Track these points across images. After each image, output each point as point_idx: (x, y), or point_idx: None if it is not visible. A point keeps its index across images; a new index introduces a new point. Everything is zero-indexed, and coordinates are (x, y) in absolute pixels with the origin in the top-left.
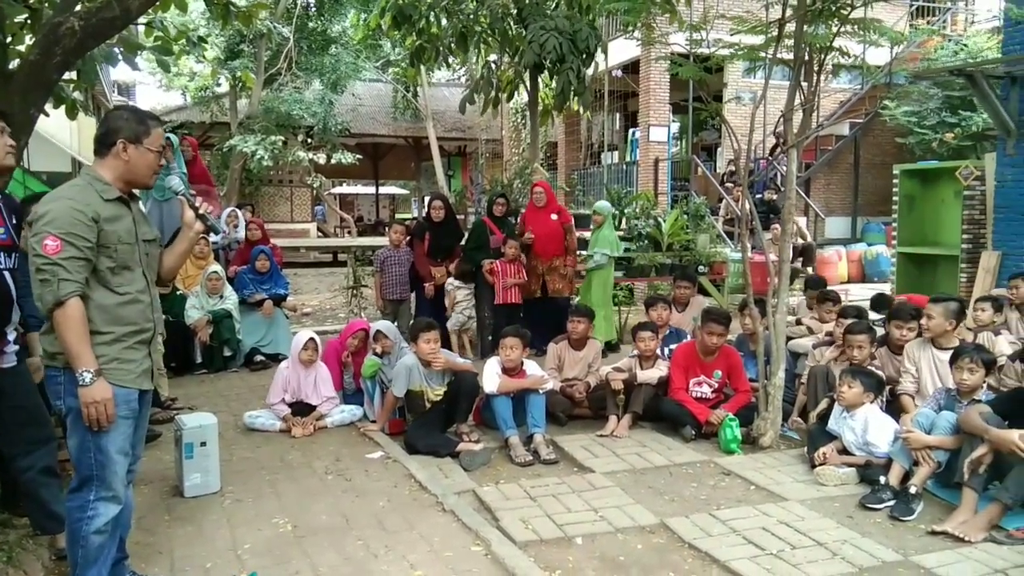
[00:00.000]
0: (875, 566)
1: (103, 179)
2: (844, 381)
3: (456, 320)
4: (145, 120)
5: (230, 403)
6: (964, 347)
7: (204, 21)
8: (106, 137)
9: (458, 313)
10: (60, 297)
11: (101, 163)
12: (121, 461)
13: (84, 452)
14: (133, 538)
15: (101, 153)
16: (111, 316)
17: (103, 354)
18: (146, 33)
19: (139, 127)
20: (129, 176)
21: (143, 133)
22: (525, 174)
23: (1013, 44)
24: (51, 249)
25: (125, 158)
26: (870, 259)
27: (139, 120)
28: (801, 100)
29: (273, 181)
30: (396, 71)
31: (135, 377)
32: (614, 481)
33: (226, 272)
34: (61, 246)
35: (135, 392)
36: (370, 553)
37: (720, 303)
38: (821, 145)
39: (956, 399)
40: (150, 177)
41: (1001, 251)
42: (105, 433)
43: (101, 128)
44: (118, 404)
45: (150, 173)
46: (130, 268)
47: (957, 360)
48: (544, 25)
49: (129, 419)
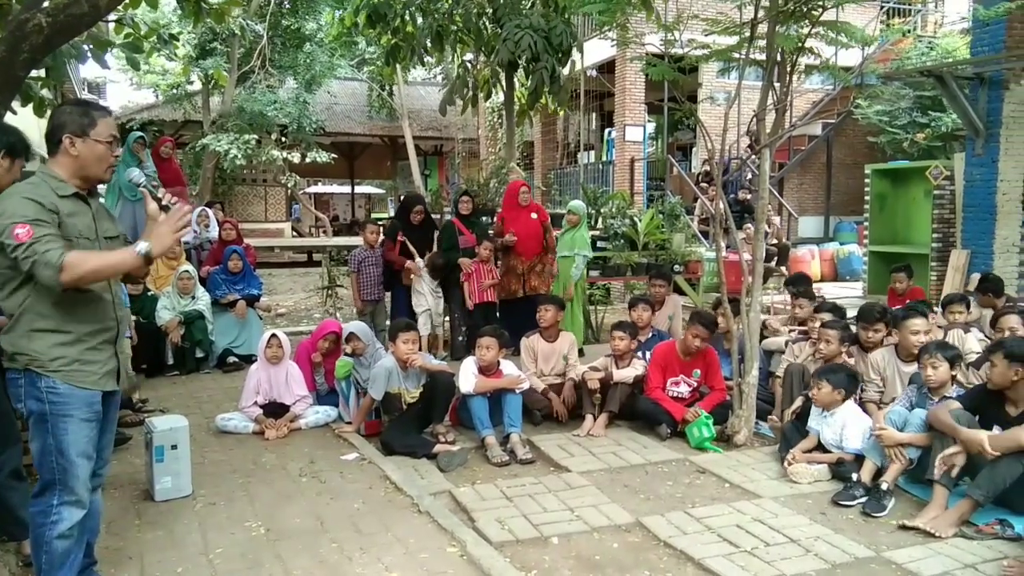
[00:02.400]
0: (847, 562)
1: (57, 176)
2: (815, 384)
3: (424, 325)
4: (89, 112)
5: (202, 405)
6: (927, 345)
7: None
8: (53, 134)
9: (421, 314)
10: (56, 263)
11: (53, 161)
12: (84, 464)
13: (46, 456)
14: (102, 543)
15: (52, 152)
16: (72, 314)
17: (64, 355)
18: (116, 30)
19: (83, 119)
20: (82, 171)
21: (88, 125)
22: (501, 173)
23: (982, 45)
24: (23, 236)
25: (74, 153)
26: (842, 258)
27: (83, 112)
28: (773, 101)
29: (247, 180)
30: (371, 69)
31: (98, 379)
32: (590, 480)
33: (198, 272)
34: (31, 229)
35: (98, 394)
36: (344, 556)
37: (695, 302)
38: (794, 145)
39: (928, 396)
40: (104, 170)
41: (970, 249)
42: (65, 436)
43: (48, 126)
44: (79, 406)
45: (103, 166)
46: None
47: (921, 358)
48: (519, 23)
49: (91, 422)
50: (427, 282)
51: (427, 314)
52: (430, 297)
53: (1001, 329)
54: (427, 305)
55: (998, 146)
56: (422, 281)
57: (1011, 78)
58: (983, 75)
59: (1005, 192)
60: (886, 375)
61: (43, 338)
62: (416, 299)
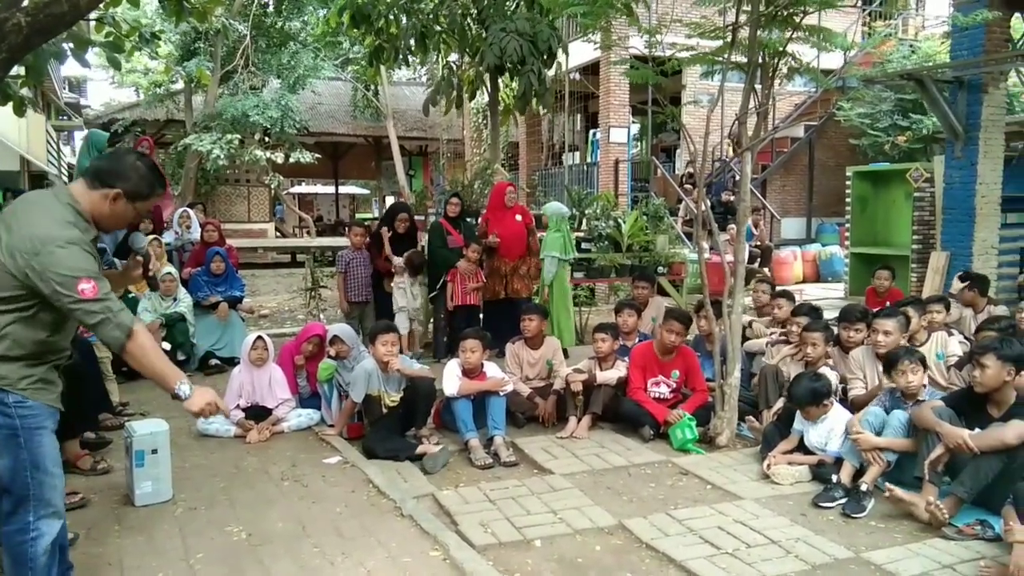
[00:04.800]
0: (828, 563)
1: (85, 215)
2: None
3: (402, 323)
4: (154, 186)
5: (183, 408)
6: (897, 352)
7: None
8: (109, 176)
9: (399, 312)
10: (128, 326)
11: (86, 194)
12: (60, 475)
13: (18, 473)
14: (81, 549)
15: (93, 184)
16: (46, 349)
17: (31, 374)
18: (97, 29)
19: (145, 190)
20: (102, 221)
21: (143, 198)
22: (486, 174)
23: (961, 49)
24: (89, 292)
25: (111, 207)
26: (824, 259)
27: (149, 183)
28: (755, 104)
29: (230, 180)
30: (356, 69)
31: (56, 398)
32: (573, 483)
33: (180, 274)
34: (96, 286)
35: (57, 412)
36: (326, 560)
37: (679, 303)
38: (777, 147)
39: (900, 400)
40: (116, 230)
41: (949, 251)
42: (41, 448)
43: (110, 164)
44: (48, 418)
45: (121, 227)
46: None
47: (896, 365)
48: (504, 27)
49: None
50: (406, 281)
51: (404, 313)
52: (408, 295)
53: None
54: (402, 303)
55: (977, 149)
56: (402, 279)
57: (990, 82)
58: (962, 79)
59: (984, 195)
60: (866, 372)
61: (11, 363)
62: (396, 295)
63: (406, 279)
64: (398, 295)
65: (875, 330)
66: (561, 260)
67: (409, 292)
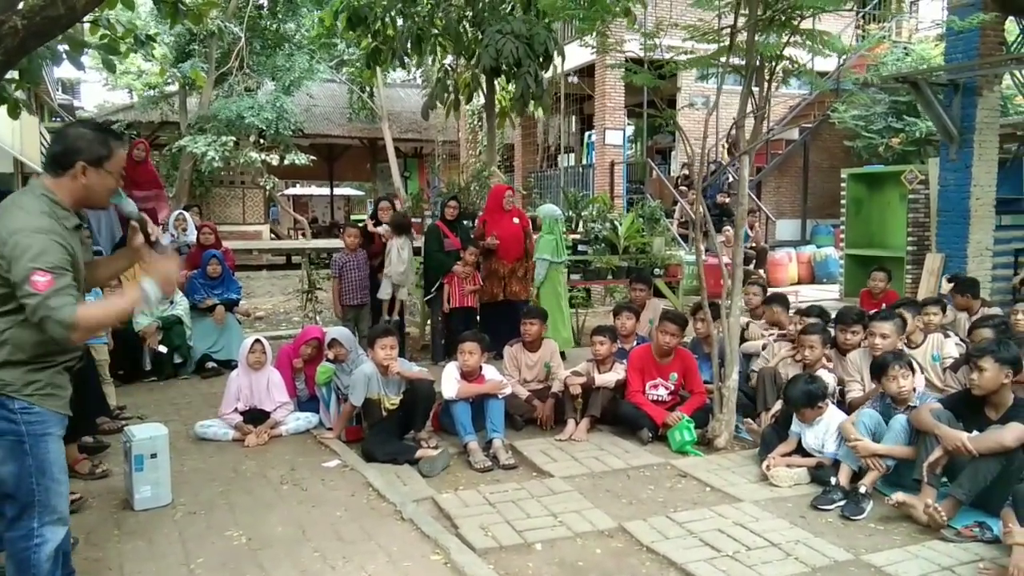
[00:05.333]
0: (827, 565)
1: (63, 204)
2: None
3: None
4: (108, 142)
5: (181, 412)
6: (885, 358)
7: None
8: (64, 157)
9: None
10: (69, 321)
11: (57, 183)
12: (65, 481)
13: (24, 479)
14: (82, 553)
15: (56, 172)
16: (52, 349)
17: (37, 379)
18: (91, 31)
19: (101, 149)
20: (85, 200)
21: (106, 157)
22: (482, 177)
23: (955, 53)
24: (41, 286)
25: (84, 181)
26: (819, 261)
27: (102, 142)
28: (753, 107)
29: (225, 182)
30: (351, 71)
31: (65, 403)
32: (573, 485)
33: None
34: (52, 280)
35: (66, 418)
36: (327, 565)
37: (675, 305)
38: (772, 149)
39: (892, 406)
40: (105, 200)
41: (944, 253)
42: (47, 455)
43: (58, 146)
44: (55, 424)
45: (107, 197)
46: (81, 295)
47: (886, 371)
48: (500, 29)
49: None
50: (394, 244)
51: (388, 280)
52: (399, 257)
53: (975, 341)
54: (387, 270)
55: (971, 151)
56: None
57: (984, 85)
58: (957, 82)
59: (978, 197)
60: (863, 374)
61: (15, 368)
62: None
63: (394, 242)
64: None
65: (871, 333)
66: (552, 263)
67: (399, 255)
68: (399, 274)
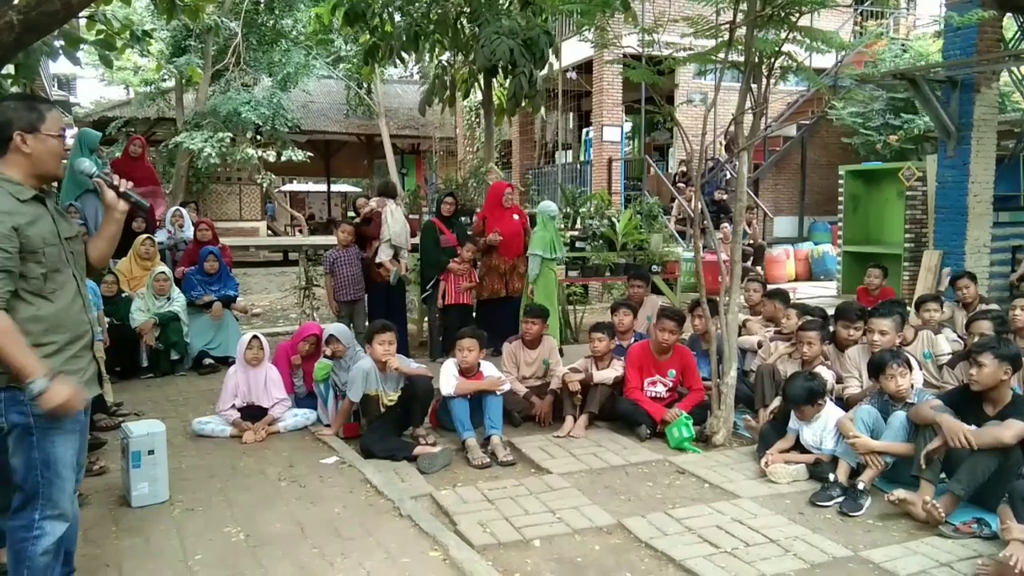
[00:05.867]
0: (826, 562)
1: (13, 179)
2: (794, 408)
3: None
4: (36, 106)
5: (178, 408)
6: (883, 356)
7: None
8: (1, 133)
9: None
10: None
11: (4, 161)
12: (70, 477)
13: (30, 470)
14: (80, 550)
15: (1, 151)
16: (50, 325)
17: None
18: (88, 27)
19: (31, 115)
20: (36, 169)
21: (38, 120)
22: (480, 173)
23: (953, 49)
24: None
25: (27, 151)
26: (817, 258)
27: (29, 107)
28: (751, 103)
29: (221, 179)
30: (348, 67)
31: (82, 387)
32: (571, 482)
33: (173, 273)
34: None
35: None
36: (326, 561)
37: (673, 302)
38: (769, 146)
39: (890, 403)
40: (57, 166)
41: (942, 250)
42: (53, 449)
43: None
44: (64, 422)
45: (57, 161)
46: (60, 271)
47: (883, 369)
48: (497, 29)
49: (77, 432)
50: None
51: (387, 244)
52: (391, 219)
53: (973, 334)
54: (385, 233)
55: (969, 148)
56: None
57: (982, 81)
58: (955, 78)
59: (976, 194)
60: (861, 370)
61: None
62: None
63: (387, 208)
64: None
65: (870, 329)
66: (545, 259)
67: (392, 216)
68: (397, 234)
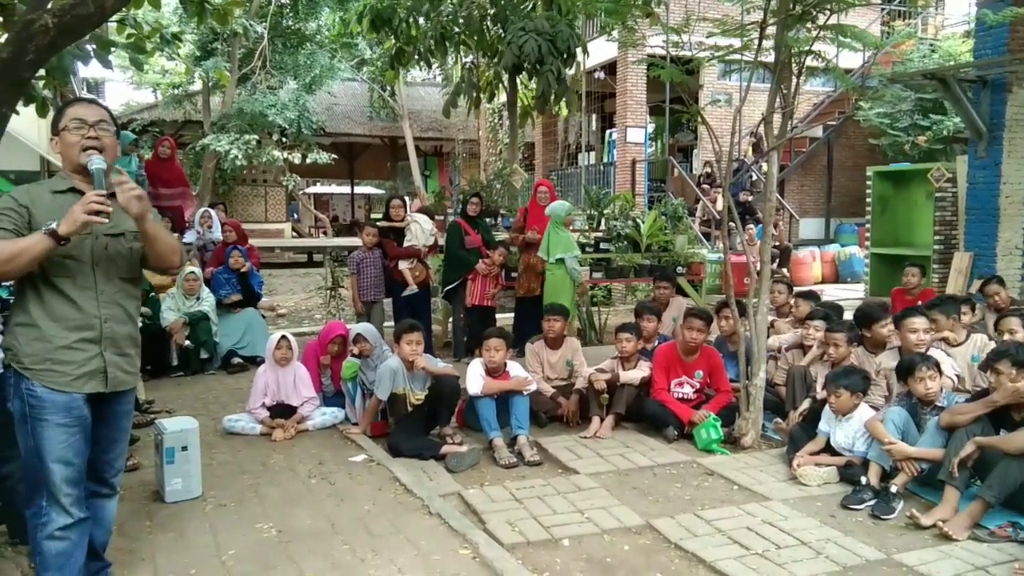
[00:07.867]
0: (859, 564)
1: (62, 174)
2: (830, 391)
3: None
4: (63, 109)
5: (208, 406)
6: (913, 360)
7: (176, 18)
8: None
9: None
10: None
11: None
12: (59, 471)
13: (31, 458)
14: (115, 544)
15: None
16: (46, 310)
17: (36, 352)
18: (118, 30)
19: (57, 119)
20: (69, 164)
21: (57, 121)
22: (504, 175)
23: (985, 48)
24: None
25: (59, 149)
26: (843, 260)
27: (58, 112)
28: (781, 103)
29: (247, 181)
30: (372, 70)
31: (72, 379)
32: (599, 482)
33: (202, 273)
34: None
35: (78, 397)
36: (357, 558)
37: (698, 303)
38: (795, 147)
39: (919, 406)
40: (77, 155)
41: (973, 252)
42: (42, 440)
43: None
44: (55, 411)
45: (77, 152)
46: (76, 259)
47: (913, 372)
48: (523, 26)
49: (71, 427)
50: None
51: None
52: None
53: (1002, 331)
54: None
55: (1001, 149)
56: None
57: (1014, 81)
58: (986, 78)
59: (1008, 195)
60: (891, 381)
61: (23, 333)
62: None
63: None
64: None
65: (906, 329)
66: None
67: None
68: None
